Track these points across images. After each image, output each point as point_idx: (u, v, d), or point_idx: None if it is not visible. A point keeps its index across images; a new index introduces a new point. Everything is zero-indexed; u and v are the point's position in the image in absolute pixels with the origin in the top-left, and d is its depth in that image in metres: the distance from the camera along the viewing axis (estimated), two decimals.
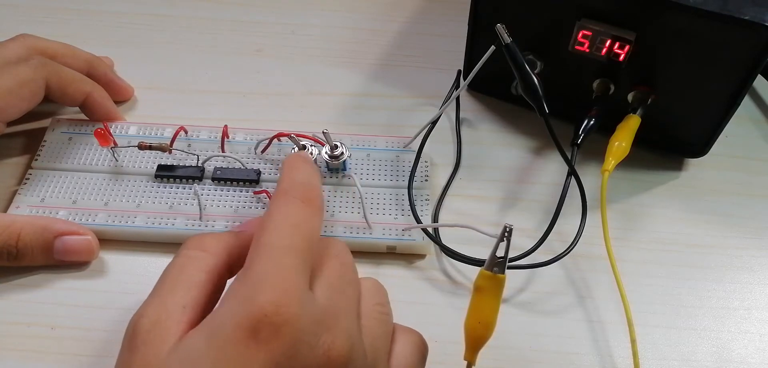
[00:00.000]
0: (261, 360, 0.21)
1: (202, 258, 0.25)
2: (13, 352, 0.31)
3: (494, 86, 0.42)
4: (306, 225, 0.24)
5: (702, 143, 0.38)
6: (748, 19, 0.32)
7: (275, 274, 0.22)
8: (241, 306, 0.21)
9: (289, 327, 0.21)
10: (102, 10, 0.48)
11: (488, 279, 0.27)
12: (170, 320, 0.23)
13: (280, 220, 0.24)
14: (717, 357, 0.32)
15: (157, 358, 0.22)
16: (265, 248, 0.23)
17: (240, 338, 0.21)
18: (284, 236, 0.23)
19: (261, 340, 0.21)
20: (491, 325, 0.27)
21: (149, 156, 0.37)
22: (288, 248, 0.23)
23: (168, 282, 0.24)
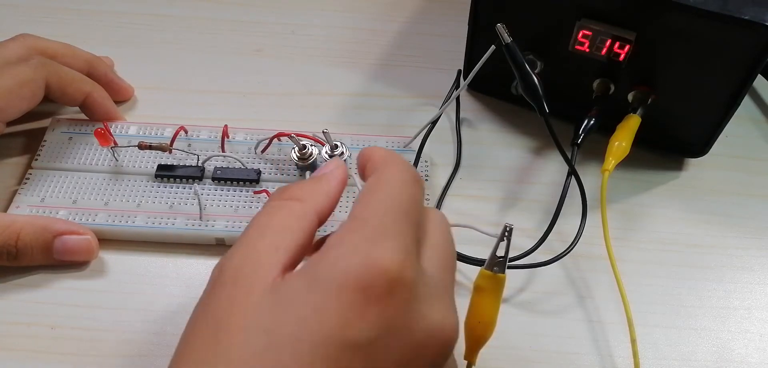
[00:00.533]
0: (371, 317, 0.19)
1: (291, 206, 0.23)
2: (13, 352, 0.31)
3: (494, 86, 0.42)
4: (417, 191, 0.23)
5: (702, 143, 0.38)
6: (748, 19, 0.32)
7: (396, 234, 0.21)
8: (355, 256, 0.20)
9: (405, 291, 0.20)
10: (102, 9, 0.48)
11: (488, 278, 0.27)
12: (262, 261, 0.21)
13: (396, 185, 0.23)
14: (717, 356, 0.32)
15: (248, 298, 0.20)
16: (383, 204, 0.22)
17: (350, 289, 0.20)
18: (400, 197, 0.22)
19: (372, 297, 0.19)
20: (491, 325, 0.27)
21: (149, 156, 0.37)
22: (405, 212, 0.22)
23: (256, 228, 0.23)
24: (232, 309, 0.20)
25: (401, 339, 0.20)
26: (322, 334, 0.19)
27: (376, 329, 0.19)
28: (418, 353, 0.21)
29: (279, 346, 0.19)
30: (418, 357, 0.21)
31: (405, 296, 0.20)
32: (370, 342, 0.19)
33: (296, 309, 0.20)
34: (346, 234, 0.21)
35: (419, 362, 0.21)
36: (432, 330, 0.21)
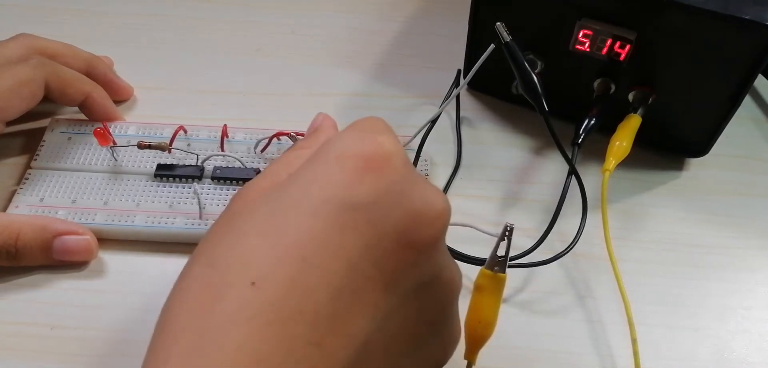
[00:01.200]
0: (370, 181, 0.21)
1: (300, 152, 0.25)
2: (13, 352, 0.30)
3: (495, 86, 0.42)
4: None
5: (703, 143, 0.38)
6: (749, 19, 0.32)
7: (389, 131, 0.23)
8: (352, 136, 0.22)
9: (401, 164, 0.22)
10: (102, 10, 0.48)
11: (489, 278, 0.27)
12: (276, 177, 0.23)
13: (377, 118, 0.25)
14: (718, 356, 0.32)
15: (261, 194, 0.22)
16: (369, 120, 0.24)
17: (350, 157, 0.21)
18: (385, 124, 0.24)
19: (372, 164, 0.21)
20: (492, 324, 0.27)
21: (148, 155, 0.37)
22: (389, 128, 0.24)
23: (271, 166, 0.25)
24: (245, 202, 0.23)
25: (399, 204, 0.21)
26: (325, 196, 0.21)
27: (375, 192, 0.21)
28: (414, 219, 0.22)
29: (283, 212, 0.21)
30: (415, 223, 0.22)
31: (401, 168, 0.22)
32: (370, 204, 0.21)
33: (300, 181, 0.21)
34: (343, 131, 0.23)
35: (416, 228, 0.22)
36: (426, 200, 0.22)
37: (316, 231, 0.20)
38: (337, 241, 0.20)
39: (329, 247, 0.20)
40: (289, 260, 0.20)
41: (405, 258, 0.22)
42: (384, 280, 0.21)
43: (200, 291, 0.20)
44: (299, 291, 0.19)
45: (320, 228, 0.20)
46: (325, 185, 0.21)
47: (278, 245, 0.20)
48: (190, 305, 0.20)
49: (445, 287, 0.24)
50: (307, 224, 0.20)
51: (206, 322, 0.19)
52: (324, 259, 0.20)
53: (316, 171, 0.21)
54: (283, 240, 0.20)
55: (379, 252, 0.21)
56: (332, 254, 0.20)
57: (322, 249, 0.20)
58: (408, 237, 0.21)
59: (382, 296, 0.21)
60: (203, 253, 0.22)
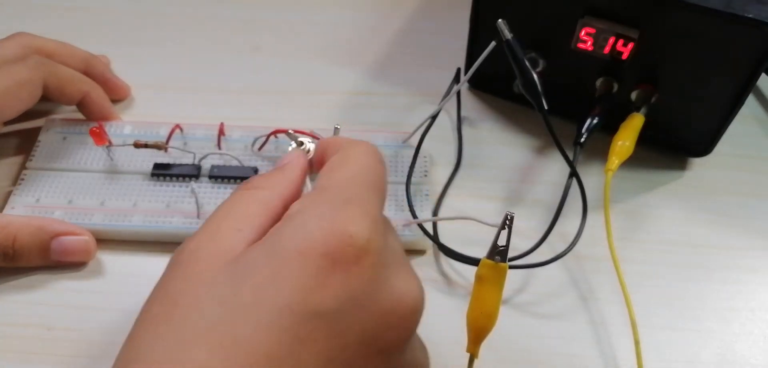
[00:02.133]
0: (336, 285, 0.19)
1: (255, 193, 0.23)
2: (10, 354, 0.30)
3: (497, 85, 0.42)
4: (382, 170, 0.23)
5: (706, 142, 0.38)
6: (753, 18, 0.31)
7: (362, 202, 0.20)
8: (320, 221, 0.19)
9: (372, 258, 0.19)
10: (99, 8, 0.48)
11: (490, 268, 0.26)
12: (223, 239, 0.20)
13: (364, 162, 0.23)
14: (721, 358, 0.32)
15: (205, 273, 0.19)
16: (348, 175, 0.22)
17: (313, 255, 0.19)
18: (365, 171, 0.22)
19: (339, 264, 0.19)
20: (494, 315, 0.27)
21: (145, 154, 0.37)
22: (370, 184, 0.22)
23: (219, 212, 0.22)
24: (188, 285, 0.19)
25: (367, 309, 0.19)
26: (282, 303, 0.18)
27: (340, 298, 0.19)
28: (384, 321, 0.20)
29: (234, 316, 0.18)
30: (384, 327, 0.20)
31: (372, 263, 0.19)
32: (334, 311, 0.19)
33: (254, 277, 0.19)
34: (310, 201, 0.21)
35: (385, 332, 0.20)
36: (398, 298, 0.20)
37: (273, 346, 0.18)
38: (296, 357, 0.18)
39: (288, 364, 0.18)
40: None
41: (371, 365, 0.20)
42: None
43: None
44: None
45: (277, 343, 0.18)
46: (282, 288, 0.18)
47: (230, 361, 0.17)
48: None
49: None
50: (262, 338, 0.18)
51: None
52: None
53: (272, 267, 0.19)
54: (235, 355, 0.17)
55: (342, 363, 0.19)
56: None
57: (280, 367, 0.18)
58: (376, 345, 0.20)
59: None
60: (137, 360, 0.18)
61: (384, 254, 0.20)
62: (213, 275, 0.19)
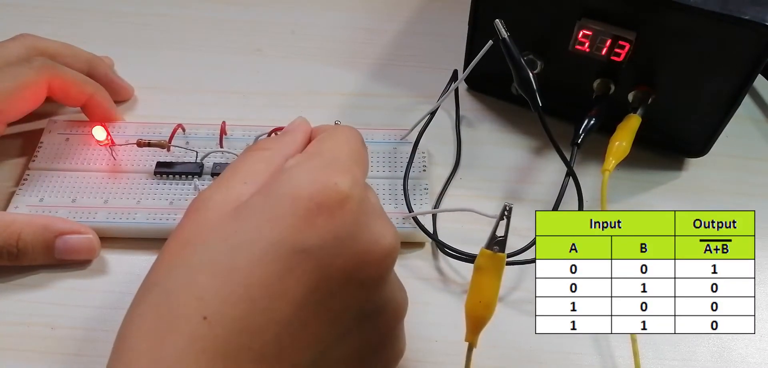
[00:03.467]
0: (321, 225, 0.21)
1: (261, 153, 0.26)
2: (13, 352, 0.31)
3: (495, 86, 0.42)
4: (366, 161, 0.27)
5: (702, 143, 0.38)
6: (749, 19, 0.32)
7: (347, 167, 0.23)
8: (310, 175, 0.22)
9: (353, 206, 0.22)
10: (102, 9, 0.48)
11: (488, 258, 0.27)
12: (231, 190, 0.23)
13: (347, 135, 0.26)
14: (717, 357, 0.32)
15: (214, 218, 0.22)
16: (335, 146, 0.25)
17: (303, 200, 0.22)
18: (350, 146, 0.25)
19: (323, 208, 0.22)
20: (492, 305, 0.27)
21: (148, 153, 0.37)
22: (355, 156, 0.25)
23: (229, 170, 0.25)
24: (198, 228, 0.23)
25: (347, 247, 0.22)
26: (275, 238, 0.21)
27: (324, 236, 0.22)
28: (363, 259, 0.23)
29: (234, 250, 0.21)
30: (363, 263, 0.23)
31: (354, 210, 0.22)
32: (319, 248, 0.21)
33: (253, 218, 0.22)
34: (302, 159, 0.24)
35: (364, 267, 0.23)
36: (375, 240, 0.23)
37: (265, 275, 0.21)
38: (284, 284, 0.21)
39: (277, 290, 0.21)
40: (238, 301, 0.21)
41: (351, 295, 0.23)
42: (329, 316, 0.22)
43: (155, 321, 0.21)
44: (248, 331, 0.21)
45: (269, 272, 0.21)
46: (276, 226, 0.21)
47: (228, 284, 0.21)
48: (144, 334, 0.21)
49: (390, 315, 0.25)
50: (257, 267, 0.21)
51: (160, 352, 0.20)
52: (271, 302, 0.21)
53: (268, 209, 0.22)
54: (233, 280, 0.21)
55: (326, 291, 0.22)
56: (279, 296, 0.21)
57: (270, 293, 0.21)
58: (355, 278, 0.23)
59: (327, 329, 0.23)
60: (156, 283, 0.22)
61: (364, 204, 0.23)
62: (220, 219, 0.22)
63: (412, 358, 0.31)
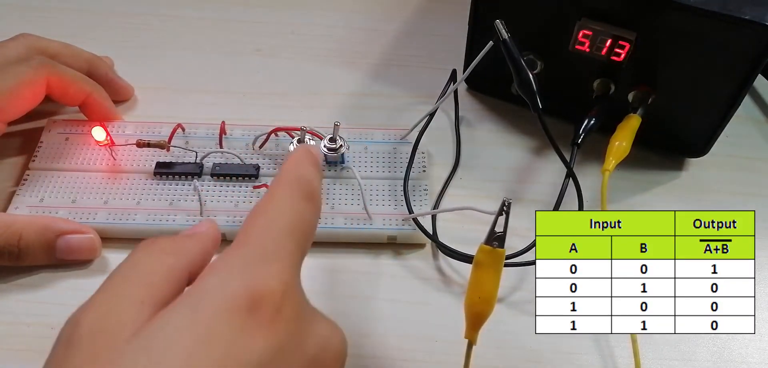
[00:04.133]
0: (261, 340, 0.18)
1: (159, 257, 0.21)
2: (14, 352, 0.31)
3: (495, 87, 0.42)
4: (307, 222, 0.23)
5: (702, 143, 0.38)
6: (749, 19, 0.32)
7: (279, 253, 0.20)
8: (238, 277, 0.19)
9: (293, 308, 0.20)
10: (102, 9, 0.48)
11: (488, 253, 0.27)
12: (125, 313, 0.19)
13: (281, 208, 0.22)
14: (717, 356, 0.32)
15: (114, 348, 0.18)
16: (266, 229, 0.21)
17: (234, 312, 0.18)
18: (287, 221, 0.21)
19: (262, 318, 0.19)
20: (491, 301, 0.27)
21: (147, 154, 0.37)
22: (290, 233, 0.21)
23: (118, 278, 0.20)
24: (95, 363, 0.18)
25: (294, 358, 0.20)
26: (213, 364, 0.18)
27: (267, 351, 0.19)
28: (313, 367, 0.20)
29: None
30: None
31: (293, 314, 0.20)
32: (266, 364, 0.19)
33: (180, 344, 0.18)
34: (228, 258, 0.20)
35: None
36: (323, 344, 0.21)
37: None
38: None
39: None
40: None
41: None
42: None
43: None
44: None
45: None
46: (214, 350, 0.18)
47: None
48: None
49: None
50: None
51: None
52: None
53: (199, 327, 0.18)
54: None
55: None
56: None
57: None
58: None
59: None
60: None
61: (302, 304, 0.21)
62: (119, 352, 0.18)
63: (412, 358, 0.31)
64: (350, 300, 0.33)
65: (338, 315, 0.32)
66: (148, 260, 0.21)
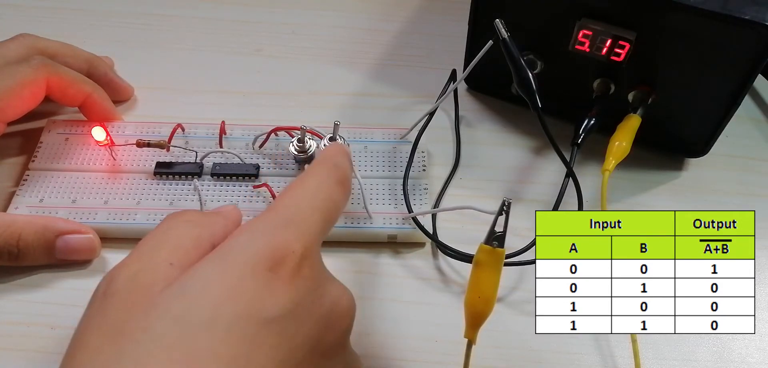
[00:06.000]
0: (282, 294, 0.20)
1: (187, 226, 0.23)
2: (14, 352, 0.31)
3: (495, 86, 0.42)
4: (336, 202, 0.25)
5: (702, 143, 0.38)
6: (749, 19, 0.32)
7: (303, 221, 0.22)
8: (264, 237, 0.21)
9: (311, 269, 0.22)
10: (102, 9, 0.48)
11: (488, 253, 0.27)
12: (159, 270, 0.21)
13: (315, 185, 0.24)
14: (717, 357, 0.32)
15: (149, 297, 0.19)
16: (296, 201, 0.23)
17: (259, 268, 0.20)
18: (317, 199, 0.24)
19: (283, 275, 0.21)
20: (491, 300, 0.27)
21: (147, 154, 0.37)
22: (317, 209, 0.23)
23: (150, 242, 0.22)
24: (132, 311, 0.19)
25: (310, 313, 0.22)
26: (238, 313, 0.19)
27: (286, 305, 0.20)
28: (325, 323, 0.22)
29: (193, 330, 0.19)
30: (325, 328, 0.22)
31: (311, 274, 0.22)
32: (283, 317, 0.20)
33: (208, 293, 0.20)
34: (257, 220, 0.22)
35: (326, 333, 0.22)
36: (335, 300, 0.23)
37: (233, 353, 0.19)
38: (254, 361, 0.19)
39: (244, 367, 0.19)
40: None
41: (314, 363, 0.22)
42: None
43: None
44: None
45: (236, 350, 0.19)
46: (237, 299, 0.20)
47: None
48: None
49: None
50: (223, 348, 0.19)
51: None
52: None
53: (225, 279, 0.20)
54: (199, 365, 0.18)
55: (291, 364, 0.21)
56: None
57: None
58: (319, 347, 0.22)
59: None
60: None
61: (319, 267, 0.23)
62: (154, 301, 0.19)
63: (412, 358, 0.31)
64: None
65: None
66: (177, 228, 0.23)
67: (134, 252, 0.22)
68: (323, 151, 0.26)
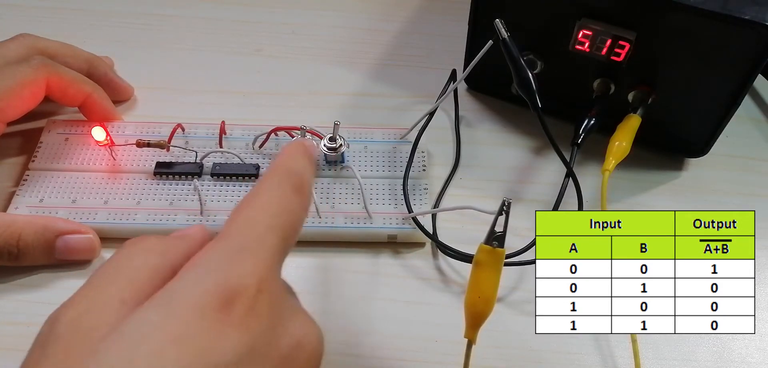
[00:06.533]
0: (234, 338, 0.18)
1: (144, 256, 0.21)
2: (14, 352, 0.30)
3: (495, 86, 0.42)
4: (293, 214, 0.22)
5: (702, 143, 0.38)
6: (749, 19, 0.32)
7: (257, 248, 0.20)
8: (213, 273, 0.19)
9: (269, 306, 0.19)
10: (102, 9, 0.48)
11: (488, 253, 0.27)
12: (105, 311, 0.19)
13: (268, 199, 0.21)
14: (717, 357, 0.32)
15: (90, 344, 0.18)
16: (248, 222, 0.20)
17: (208, 310, 0.18)
18: (271, 215, 0.21)
19: (235, 316, 0.18)
20: (491, 300, 0.27)
21: (147, 154, 0.37)
22: (273, 227, 0.21)
23: (102, 276, 0.20)
24: (68, 361, 0.18)
25: (267, 356, 0.19)
26: (184, 362, 0.17)
27: (239, 350, 0.18)
28: (286, 367, 0.20)
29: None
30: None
31: (267, 310, 0.19)
32: (235, 364, 0.18)
33: (153, 341, 0.17)
34: (206, 253, 0.20)
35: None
36: (297, 343, 0.20)
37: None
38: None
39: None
40: None
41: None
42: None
43: None
44: None
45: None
46: (186, 349, 0.17)
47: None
48: None
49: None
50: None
51: None
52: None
53: (172, 330, 0.18)
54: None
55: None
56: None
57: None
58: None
59: None
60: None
61: (279, 301, 0.20)
62: (94, 349, 0.18)
63: (412, 358, 0.31)
64: (350, 299, 0.33)
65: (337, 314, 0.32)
66: (132, 259, 0.21)
67: (84, 287, 0.20)
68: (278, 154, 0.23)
